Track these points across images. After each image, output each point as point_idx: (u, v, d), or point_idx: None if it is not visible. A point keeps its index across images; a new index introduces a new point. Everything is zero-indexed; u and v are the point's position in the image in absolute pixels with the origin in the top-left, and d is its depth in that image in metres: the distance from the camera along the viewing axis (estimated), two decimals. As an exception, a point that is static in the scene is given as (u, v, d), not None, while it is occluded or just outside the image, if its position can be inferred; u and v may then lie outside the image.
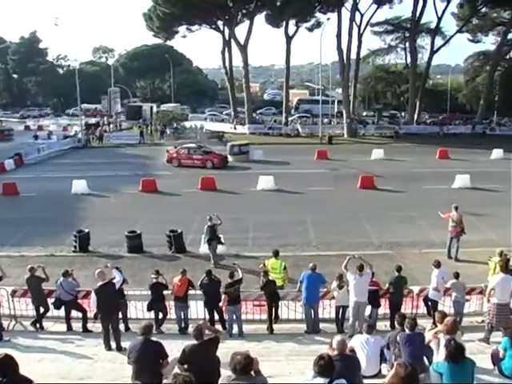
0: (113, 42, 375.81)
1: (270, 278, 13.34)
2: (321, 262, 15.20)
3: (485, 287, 12.39)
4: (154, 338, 8.34)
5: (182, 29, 61.18)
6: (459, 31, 63.02)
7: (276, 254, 14.61)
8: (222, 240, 18.84)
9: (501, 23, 62.35)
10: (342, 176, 33.39)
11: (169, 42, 75.91)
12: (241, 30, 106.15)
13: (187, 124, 61.08)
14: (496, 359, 8.90)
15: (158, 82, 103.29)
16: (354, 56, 60.16)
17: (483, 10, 61.14)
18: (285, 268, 14.51)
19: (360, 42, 60.43)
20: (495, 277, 11.75)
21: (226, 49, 60.20)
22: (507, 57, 66.78)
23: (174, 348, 8.67)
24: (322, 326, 13.03)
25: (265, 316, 13.20)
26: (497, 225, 22.20)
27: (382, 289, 13.06)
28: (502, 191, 28.84)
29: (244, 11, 57.95)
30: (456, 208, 18.92)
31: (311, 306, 12.79)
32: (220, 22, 59.15)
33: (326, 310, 13.50)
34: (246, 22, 58.43)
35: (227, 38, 59.29)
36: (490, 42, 70.39)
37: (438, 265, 13.19)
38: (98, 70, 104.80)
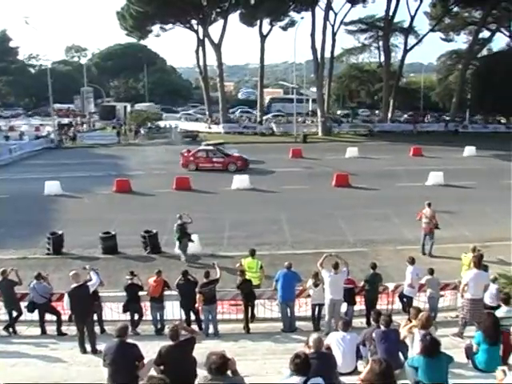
0: (86, 41, 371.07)
1: (247, 277, 13.37)
2: (296, 260, 15.24)
3: (458, 283, 12.59)
4: (129, 340, 8.29)
5: (156, 28, 60.85)
6: (432, 30, 63.98)
7: (252, 254, 14.62)
8: (193, 238, 18.87)
9: (472, 23, 63.44)
10: (317, 174, 33.56)
11: (142, 41, 75.36)
12: (215, 29, 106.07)
13: (161, 124, 60.75)
14: (470, 353, 9.04)
15: (132, 81, 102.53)
16: (328, 55, 60.78)
17: (455, 9, 62.24)
18: (261, 267, 14.55)
19: (334, 40, 61.06)
20: (469, 272, 11.93)
21: (200, 48, 60.02)
22: (479, 55, 67.84)
23: (150, 349, 8.63)
24: (298, 324, 13.08)
25: (241, 315, 13.21)
26: (469, 221, 22.60)
27: (357, 286, 13.16)
28: (474, 188, 29.41)
29: (218, 10, 57.84)
30: (429, 205, 19.18)
31: (287, 305, 12.83)
32: (194, 21, 58.92)
33: (302, 308, 13.57)
34: (220, 21, 58.39)
35: (201, 37, 59.11)
36: (461, 41, 71.78)
37: (412, 261, 13.37)
38: (71, 70, 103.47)
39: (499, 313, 10.08)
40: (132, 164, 38.92)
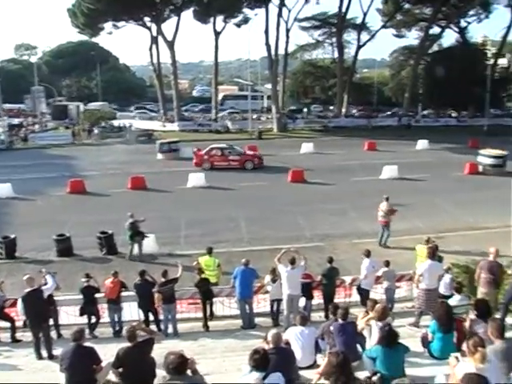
0: (36, 39, 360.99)
1: (204, 275, 13.34)
2: (254, 257, 15.30)
3: (414, 274, 12.86)
4: (86, 344, 8.15)
5: (108, 25, 59.61)
6: (384, 26, 64.98)
7: (209, 252, 14.60)
8: (149, 238, 18.77)
9: (423, 19, 64.78)
10: (273, 171, 33.73)
11: (94, 39, 74.01)
12: (169, 26, 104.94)
13: (115, 123, 59.81)
14: (426, 342, 9.25)
15: (85, 80, 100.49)
16: (282, 51, 60.90)
17: (406, 6, 63.32)
18: (218, 265, 14.55)
19: (288, 37, 61.00)
20: (423, 263, 12.22)
21: (154, 45, 59.37)
22: (429, 51, 69.39)
23: (108, 352, 8.51)
24: (257, 320, 13.14)
25: (200, 314, 13.18)
26: (423, 213, 23.18)
27: (314, 281, 13.31)
28: (427, 180, 30.14)
29: (171, 7, 57.29)
30: (387, 199, 19.54)
31: (246, 302, 12.87)
32: (147, 18, 58.17)
33: (261, 304, 13.65)
34: (174, 18, 57.85)
35: (155, 35, 58.45)
36: (413, 37, 73.27)
37: (368, 254, 13.60)
38: (21, 68, 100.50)
39: (452, 301, 10.37)
40: (86, 164, 38.21)
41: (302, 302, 12.93)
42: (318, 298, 13.51)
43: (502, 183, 29.25)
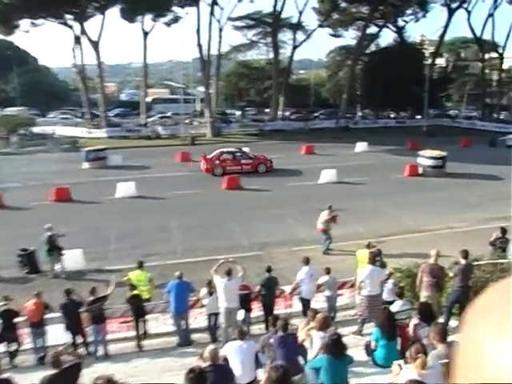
0: None
1: (136, 291, 13.12)
2: (188, 269, 15.30)
3: (355, 280, 13.11)
4: (4, 375, 7.82)
5: (25, 23, 57.83)
6: (320, 26, 66.27)
7: (140, 266, 14.38)
8: (75, 253, 18.30)
9: (360, 18, 66.38)
10: (206, 178, 33.64)
11: (10, 38, 71.52)
12: (93, 25, 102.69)
13: (36, 129, 57.99)
14: (369, 350, 9.43)
15: (1, 83, 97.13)
16: (215, 52, 61.00)
17: (343, 4, 64.75)
18: (150, 280, 14.34)
19: (220, 37, 61.24)
20: (364, 269, 12.48)
21: (77, 46, 58.03)
22: (367, 51, 71.21)
23: (31, 382, 8.19)
24: (194, 336, 13.07)
25: (132, 333, 12.94)
26: (363, 217, 23.70)
27: (253, 292, 13.35)
28: (366, 184, 30.86)
29: (96, 4, 56.15)
30: (329, 208, 19.83)
31: (181, 317, 12.76)
32: (69, 16, 56.74)
33: (198, 319, 13.55)
34: (99, 17, 56.71)
35: (77, 34, 57.14)
36: (350, 37, 75.09)
37: (306, 262, 13.75)
38: None
39: (394, 307, 10.63)
40: (3, 175, 36.79)
41: (241, 314, 12.93)
42: (257, 310, 13.56)
43: (442, 184, 30.55)
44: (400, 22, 70.13)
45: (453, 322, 11.52)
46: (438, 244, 15.27)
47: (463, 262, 12.11)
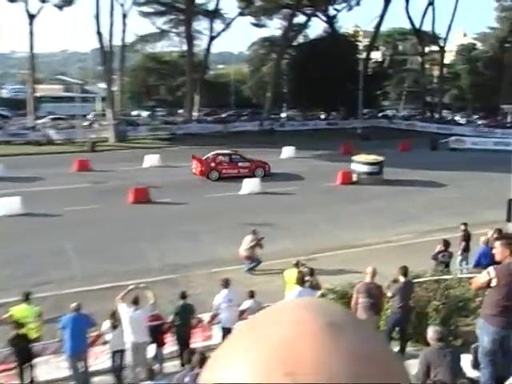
0: None
1: (21, 330, 12.62)
2: (90, 298, 15.02)
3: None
4: None
5: None
6: (241, 14, 66.82)
7: (26, 298, 13.77)
8: None
9: (286, 6, 67.23)
10: (110, 190, 32.92)
11: None
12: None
13: None
14: None
15: None
16: (118, 42, 60.26)
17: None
18: (39, 315, 13.78)
19: (125, 24, 60.47)
20: (292, 291, 12.55)
21: None
22: (294, 43, 72.22)
23: None
24: (95, 379, 12.72)
25: (16, 382, 12.42)
26: (292, 232, 23.95)
27: (166, 322, 13.16)
28: (295, 194, 31.26)
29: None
30: (253, 232, 19.89)
31: (79, 358, 12.39)
32: None
33: (99, 359, 13.22)
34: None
35: None
36: (275, 27, 76.14)
37: (226, 284, 13.69)
38: None
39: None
40: None
41: (152, 350, 12.72)
42: (171, 344, 13.38)
43: (379, 193, 31.38)
44: (331, 11, 71.83)
45: (392, 348, 11.74)
46: (375, 260, 15.63)
47: (402, 279, 12.38)
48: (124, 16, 59.70)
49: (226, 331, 13.36)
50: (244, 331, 0.84)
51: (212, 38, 65.56)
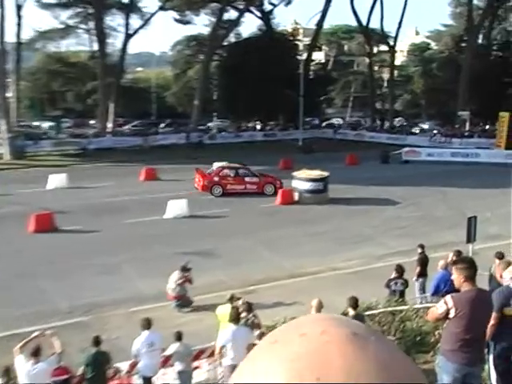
0: None
1: None
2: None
3: (215, 346, 13.01)
4: None
5: None
6: (162, 8, 66.44)
7: None
8: None
9: (215, 0, 67.38)
10: (5, 217, 32.11)
11: None
12: None
13: None
14: None
15: None
16: (13, 39, 59.16)
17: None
18: None
19: (20, 17, 59.06)
20: (225, 330, 12.42)
21: None
22: (225, 43, 72.29)
23: None
24: None
25: None
26: (225, 261, 23.87)
27: (74, 376, 12.82)
28: (227, 216, 31.18)
29: None
30: (183, 269, 19.67)
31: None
32: None
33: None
34: None
35: None
36: (202, 24, 76.13)
37: (147, 325, 13.44)
38: None
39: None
40: None
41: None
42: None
43: (324, 214, 31.65)
44: (266, 5, 72.35)
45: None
46: (321, 291, 15.67)
47: (352, 312, 12.42)
48: (19, 7, 58.34)
49: (147, 381, 13.11)
50: (268, 344, 1.00)
51: (128, 36, 64.83)
